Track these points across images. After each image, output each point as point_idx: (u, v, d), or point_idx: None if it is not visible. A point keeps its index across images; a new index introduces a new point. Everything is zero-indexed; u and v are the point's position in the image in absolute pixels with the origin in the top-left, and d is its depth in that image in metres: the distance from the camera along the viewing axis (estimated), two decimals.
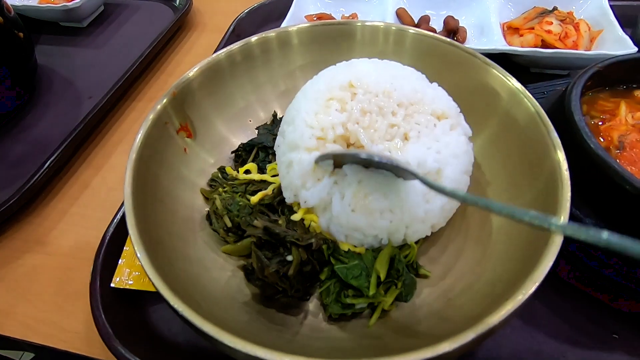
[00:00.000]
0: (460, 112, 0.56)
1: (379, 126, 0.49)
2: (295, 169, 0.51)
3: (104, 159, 0.82)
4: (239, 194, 0.56)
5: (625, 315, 0.54)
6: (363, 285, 0.48)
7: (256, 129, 0.66)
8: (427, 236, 0.54)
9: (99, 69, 1.00)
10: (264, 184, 0.57)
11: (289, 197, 0.53)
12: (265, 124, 0.66)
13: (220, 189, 0.57)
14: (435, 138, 0.51)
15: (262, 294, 0.50)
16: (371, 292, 0.47)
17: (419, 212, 0.50)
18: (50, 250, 0.69)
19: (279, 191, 0.56)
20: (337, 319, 0.49)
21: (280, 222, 0.52)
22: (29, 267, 0.67)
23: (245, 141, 0.64)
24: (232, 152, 0.64)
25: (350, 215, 0.49)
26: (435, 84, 0.56)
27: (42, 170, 0.74)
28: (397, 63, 0.57)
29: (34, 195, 0.75)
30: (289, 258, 0.48)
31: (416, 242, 0.53)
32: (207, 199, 0.59)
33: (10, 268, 0.67)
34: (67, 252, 0.69)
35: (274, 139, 0.60)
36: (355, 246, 0.52)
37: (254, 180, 0.58)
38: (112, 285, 0.57)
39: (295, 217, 0.52)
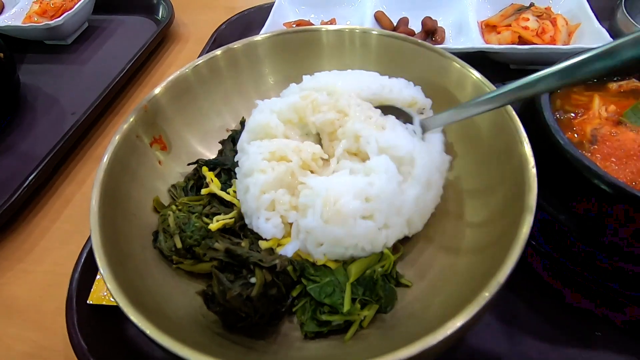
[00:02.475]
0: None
1: (356, 111, 0.50)
2: (252, 192, 0.50)
3: (86, 175, 0.83)
4: (196, 214, 0.54)
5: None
6: (337, 303, 0.47)
7: (220, 142, 0.65)
8: (405, 238, 0.53)
9: (83, 85, 1.01)
10: (224, 207, 0.56)
11: (250, 223, 0.52)
12: (232, 134, 0.65)
13: (174, 207, 0.55)
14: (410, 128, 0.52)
15: (223, 322, 0.47)
16: (345, 308, 0.46)
17: (395, 202, 0.49)
18: (32, 268, 0.69)
19: (240, 216, 0.54)
20: (313, 337, 0.48)
21: (243, 244, 0.50)
22: (11, 285, 0.67)
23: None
24: (189, 164, 0.62)
25: (325, 228, 0.47)
26: (393, 78, 0.58)
27: (23, 187, 0.74)
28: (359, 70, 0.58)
29: (16, 212, 0.75)
30: (253, 280, 0.46)
31: (394, 253, 0.52)
32: (157, 211, 0.57)
33: None
34: (49, 269, 0.69)
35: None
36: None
37: (216, 200, 0.56)
38: (89, 301, 0.57)
39: (265, 244, 0.50)
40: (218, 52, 0.64)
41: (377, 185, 0.47)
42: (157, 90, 0.60)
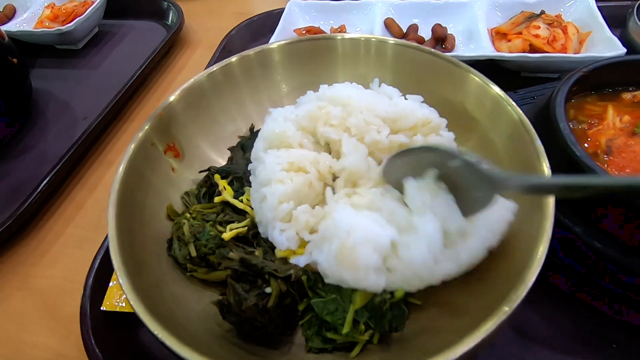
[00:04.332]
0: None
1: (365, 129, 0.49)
2: (269, 201, 0.49)
3: (98, 180, 0.83)
4: (210, 222, 0.54)
5: (624, 324, 0.53)
6: (337, 322, 0.46)
7: (229, 149, 0.65)
8: None
9: (94, 89, 1.02)
10: (237, 215, 0.56)
11: (263, 232, 0.52)
12: (241, 141, 0.64)
13: (188, 215, 0.55)
14: None
15: (238, 332, 0.47)
16: (344, 330, 0.45)
17: (423, 272, 0.43)
18: (46, 273, 0.70)
19: (253, 224, 0.54)
20: (318, 352, 0.48)
21: (257, 253, 0.50)
22: (25, 291, 0.68)
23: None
24: (200, 172, 0.62)
25: (334, 268, 0.44)
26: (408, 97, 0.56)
27: (36, 192, 0.75)
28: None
29: (30, 217, 0.75)
30: (268, 290, 0.46)
31: None
32: (171, 219, 0.56)
33: (6, 292, 0.68)
34: (62, 274, 0.69)
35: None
36: None
37: (229, 207, 0.56)
38: (103, 308, 0.57)
39: (279, 253, 0.50)
40: (233, 59, 0.64)
41: (411, 252, 0.42)
42: (172, 98, 0.60)
